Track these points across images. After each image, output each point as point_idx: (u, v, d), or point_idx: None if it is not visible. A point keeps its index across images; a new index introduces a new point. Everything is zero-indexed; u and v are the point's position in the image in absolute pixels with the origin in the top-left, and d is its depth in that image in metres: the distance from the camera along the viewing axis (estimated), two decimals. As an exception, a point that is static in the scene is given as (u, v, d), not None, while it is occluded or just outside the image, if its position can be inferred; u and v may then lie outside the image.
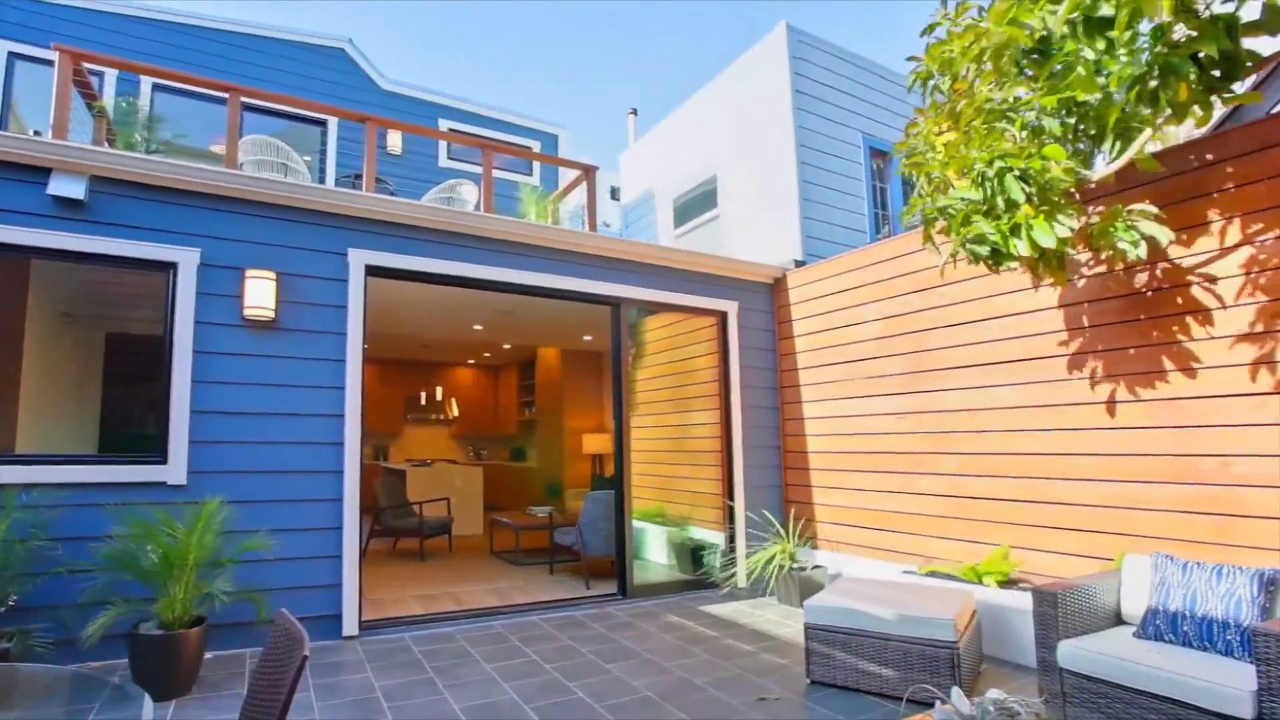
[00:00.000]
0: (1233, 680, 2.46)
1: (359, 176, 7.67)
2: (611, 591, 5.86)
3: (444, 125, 9.79)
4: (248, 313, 4.43)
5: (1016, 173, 3.22)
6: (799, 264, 6.92)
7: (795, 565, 5.65)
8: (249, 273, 4.46)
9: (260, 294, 4.46)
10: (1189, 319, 3.81)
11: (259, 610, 3.85)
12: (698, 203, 9.03)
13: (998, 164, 3.22)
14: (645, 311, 6.50)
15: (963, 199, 3.40)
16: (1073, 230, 3.35)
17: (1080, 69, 3.01)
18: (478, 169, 9.34)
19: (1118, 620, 3.28)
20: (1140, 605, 3.16)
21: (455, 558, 7.66)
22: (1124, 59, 2.81)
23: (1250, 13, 2.80)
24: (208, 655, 3.93)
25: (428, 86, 9.90)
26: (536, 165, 10.27)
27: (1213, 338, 3.71)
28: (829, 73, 7.93)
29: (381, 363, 11.80)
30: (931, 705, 2.18)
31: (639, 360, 7.81)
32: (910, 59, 4.07)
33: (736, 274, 6.65)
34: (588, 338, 9.89)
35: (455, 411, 12.92)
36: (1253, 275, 3.58)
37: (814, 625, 3.78)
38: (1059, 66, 3.11)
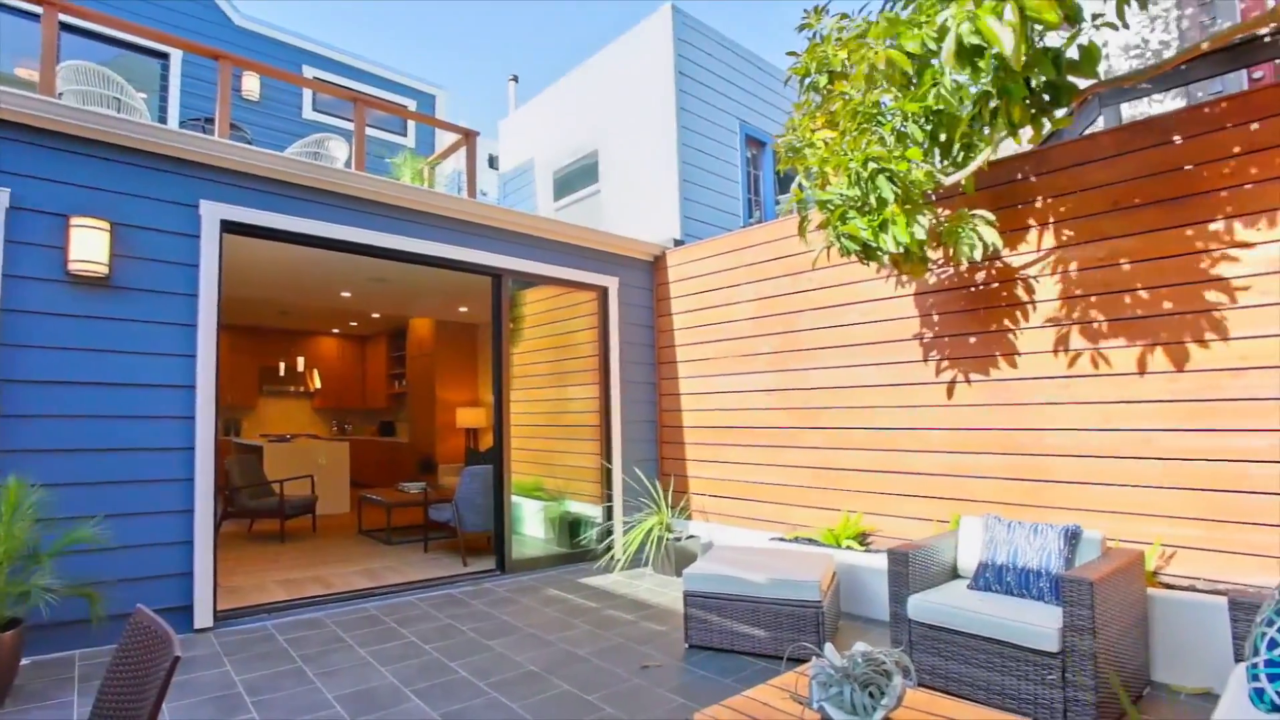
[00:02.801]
0: (1044, 621, 2.88)
1: (210, 121, 6.87)
2: (490, 567, 5.80)
3: (309, 73, 8.97)
4: (74, 267, 3.87)
5: (887, 174, 3.49)
6: (678, 243, 7.10)
7: (671, 536, 5.87)
8: (75, 221, 3.88)
9: (89, 246, 3.90)
10: (1015, 311, 4.34)
11: (93, 607, 3.45)
12: (579, 176, 8.96)
13: (871, 165, 3.48)
14: (526, 284, 6.39)
15: (841, 195, 3.64)
16: (928, 229, 3.71)
17: (942, 85, 3.32)
18: (346, 124, 8.70)
19: (954, 575, 3.73)
20: (973, 561, 3.61)
21: (320, 539, 7.23)
22: (982, 81, 3.12)
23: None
24: (25, 661, 3.47)
25: (291, 29, 9.01)
26: (412, 126, 9.70)
27: (1030, 328, 4.26)
28: (710, 58, 8.10)
29: (233, 329, 10.73)
30: (807, 660, 2.38)
31: (518, 333, 7.69)
32: (790, 54, 4.28)
33: (619, 250, 6.69)
34: (464, 309, 9.58)
35: (318, 384, 12.08)
36: (1060, 275, 4.14)
37: (692, 592, 3.97)
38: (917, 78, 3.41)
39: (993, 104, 3.30)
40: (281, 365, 11.67)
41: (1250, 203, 3.51)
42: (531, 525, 7.26)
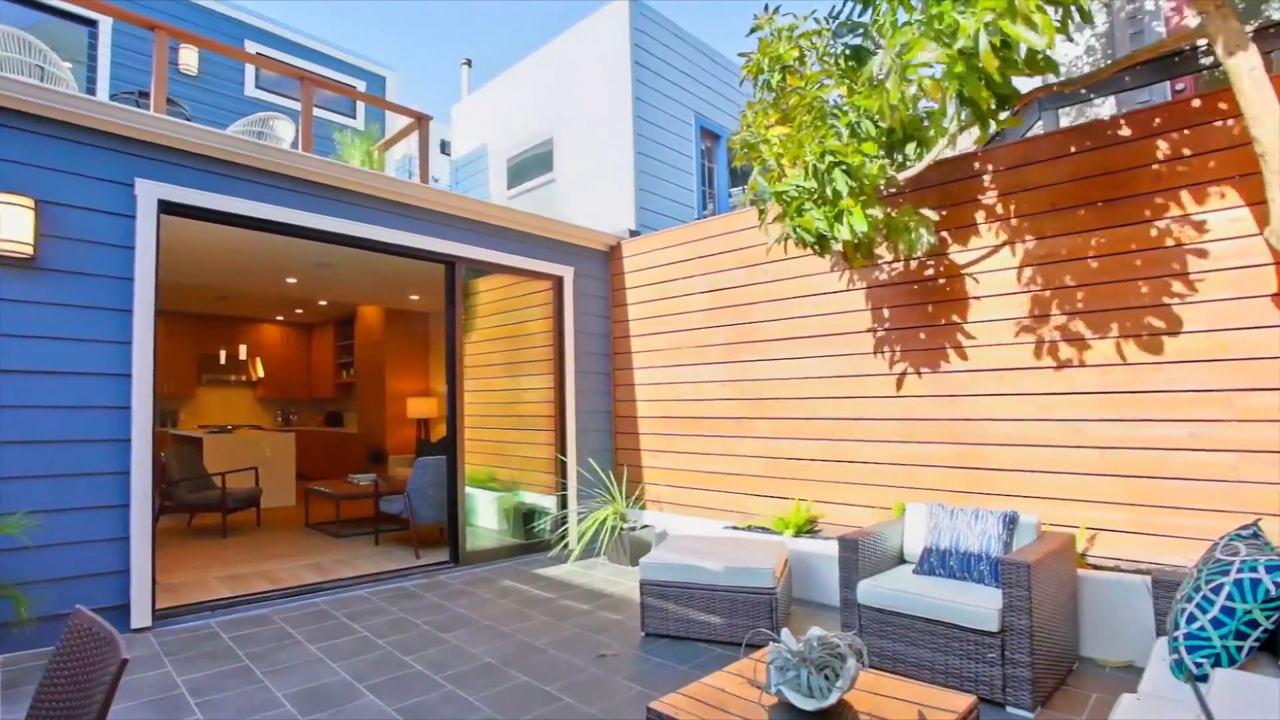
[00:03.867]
0: (984, 602, 3.02)
1: (145, 94, 6.51)
2: (443, 560, 5.73)
3: (252, 49, 8.58)
4: (-6, 249, 3.64)
5: (843, 167, 3.57)
6: (633, 233, 7.11)
7: (626, 526, 5.91)
8: (-7, 198, 3.64)
9: (12, 225, 3.66)
10: (961, 306, 4.50)
11: (18, 608, 3.28)
12: (533, 164, 8.86)
13: (828, 158, 3.55)
14: (480, 272, 6.30)
15: (798, 186, 3.70)
16: (879, 219, 3.81)
17: (891, 82, 3.40)
18: (291, 104, 8.38)
19: (901, 560, 3.87)
20: (919, 546, 3.75)
21: (265, 533, 7.01)
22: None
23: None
24: (-56, 665, 3.28)
25: (233, 1, 8.58)
26: (361, 108, 9.39)
27: (975, 323, 4.43)
28: (667, 49, 8.10)
29: (170, 315, 10.23)
30: (762, 646, 2.44)
31: (471, 322, 7.58)
32: (742, 55, 4.33)
33: (574, 239, 6.66)
34: (415, 296, 9.38)
35: (261, 373, 11.66)
36: (1002, 272, 4.32)
37: (649, 581, 4.01)
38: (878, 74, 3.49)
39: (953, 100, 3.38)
40: (222, 353, 11.22)
41: (1178, 205, 3.73)
42: (485, 516, 7.20)
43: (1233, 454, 3.51)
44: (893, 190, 4.66)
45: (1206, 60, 4.10)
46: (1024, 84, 3.99)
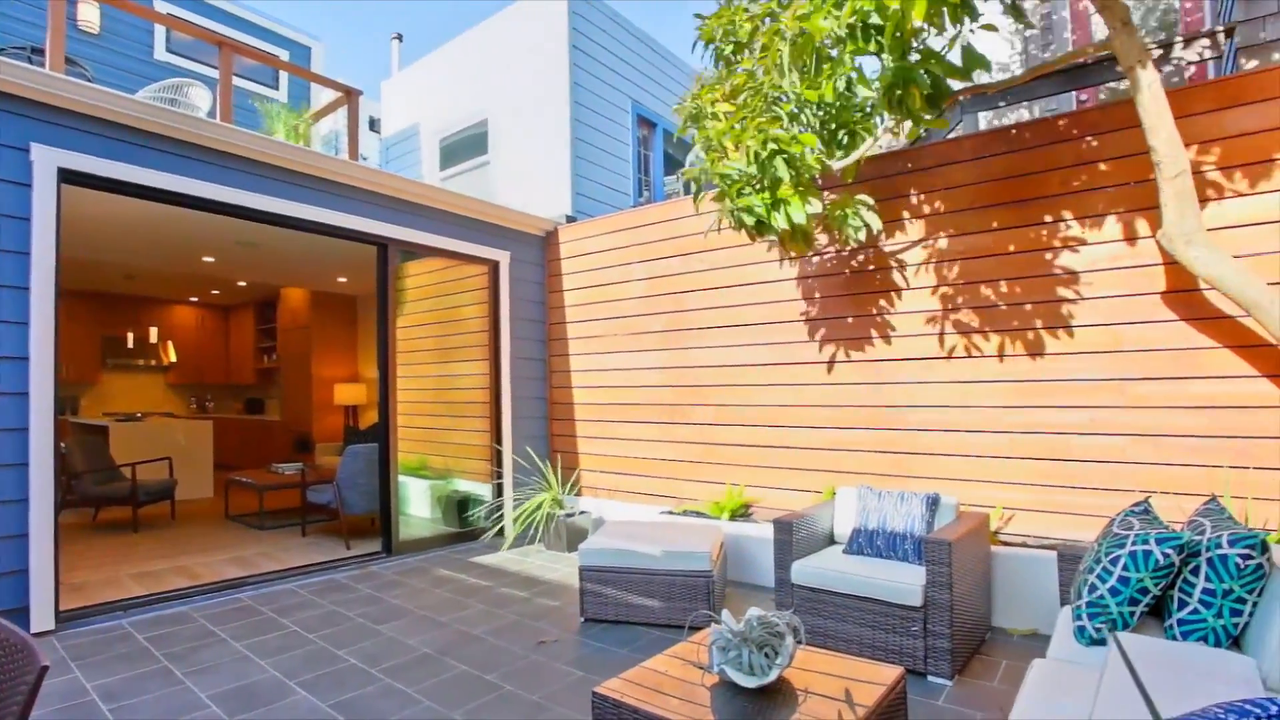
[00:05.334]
0: (908, 579, 3.20)
1: (38, 51, 5.97)
2: (375, 550, 5.60)
3: (163, 8, 7.96)
4: None
5: (784, 155, 3.66)
6: (570, 219, 7.06)
7: (562, 512, 5.91)
8: None
9: (-115, 200, 3.32)
10: (888, 297, 4.71)
11: (-98, 613, 3.01)
12: (467, 145, 8.65)
13: (770, 146, 3.63)
14: (413, 255, 6.13)
15: (739, 170, 3.77)
16: (818, 210, 3.93)
17: (835, 77, 3.51)
18: (207, 71, 7.85)
19: (831, 541, 4.04)
20: (848, 528, 3.92)
21: (181, 526, 6.65)
22: (886, 65, 3.32)
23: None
24: None
25: (134, -47, 7.92)
26: (284, 80, 8.88)
27: (901, 313, 4.64)
28: (605, 35, 8.04)
29: (71, 295, 9.49)
30: (700, 629, 2.51)
31: (403, 307, 7.37)
32: (697, 15, 4.31)
33: (511, 224, 6.56)
34: (343, 279, 9.02)
35: (173, 357, 10.97)
36: (927, 266, 4.54)
37: (588, 566, 4.04)
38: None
39: (898, 91, 3.51)
40: (130, 336, 10.48)
41: (1082, 208, 4.00)
42: (418, 505, 7.06)
43: (1125, 438, 3.83)
44: (830, 182, 4.80)
45: (1111, 73, 4.40)
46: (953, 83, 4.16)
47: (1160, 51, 4.69)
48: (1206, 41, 4.45)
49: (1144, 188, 3.75)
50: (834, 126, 4.08)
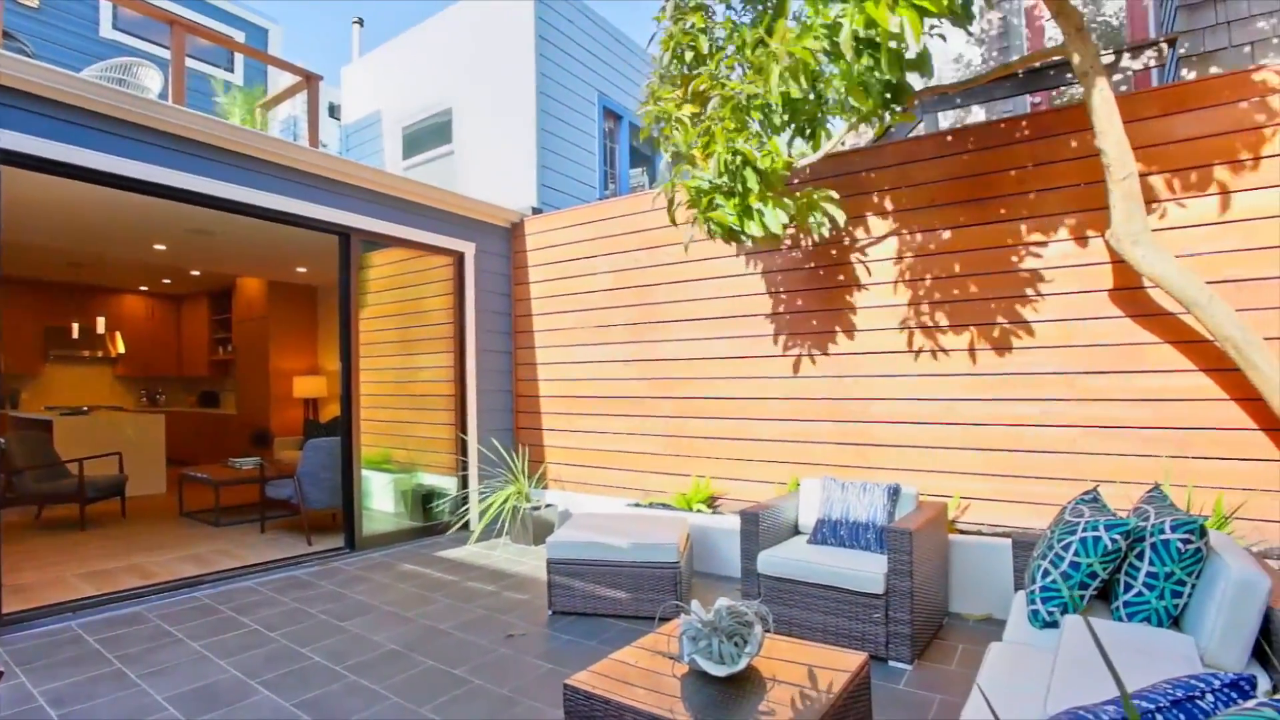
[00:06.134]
0: (871, 567, 3.28)
1: (-30, 30, 5.66)
2: (338, 545, 5.50)
3: (107, -16, 7.63)
4: None
5: (753, 165, 3.70)
6: (536, 211, 7.02)
7: (529, 505, 5.89)
8: None
9: None
10: (850, 292, 4.80)
11: None
12: (431, 134, 8.50)
13: (739, 157, 3.67)
14: (376, 245, 6.02)
15: (709, 181, 3.80)
16: (787, 220, 3.99)
17: (801, 80, 3.56)
18: (157, 50, 7.55)
19: (795, 532, 4.12)
20: (812, 518, 4.00)
21: (133, 524, 6.43)
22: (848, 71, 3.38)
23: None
24: None
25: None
26: (240, 62, 8.59)
27: (862, 308, 4.74)
28: (572, 25, 7.98)
29: (9, 283, 9.05)
30: (669, 619, 2.54)
31: (366, 297, 7.23)
32: (657, 18, 4.32)
33: (477, 215, 6.49)
34: (302, 269, 8.80)
35: (121, 348, 10.57)
36: (888, 262, 4.64)
37: (556, 560, 4.04)
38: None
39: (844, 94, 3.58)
40: (75, 326, 10.05)
41: (1036, 207, 4.14)
42: (381, 499, 6.96)
43: (1075, 429, 3.99)
44: (795, 174, 4.86)
45: (1065, 77, 4.54)
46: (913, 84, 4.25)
47: (1110, 59, 4.86)
48: (1152, 50, 4.62)
49: (1094, 189, 3.90)
50: (801, 122, 4.14)
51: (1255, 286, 3.54)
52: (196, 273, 9.33)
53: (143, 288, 10.72)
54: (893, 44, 2.99)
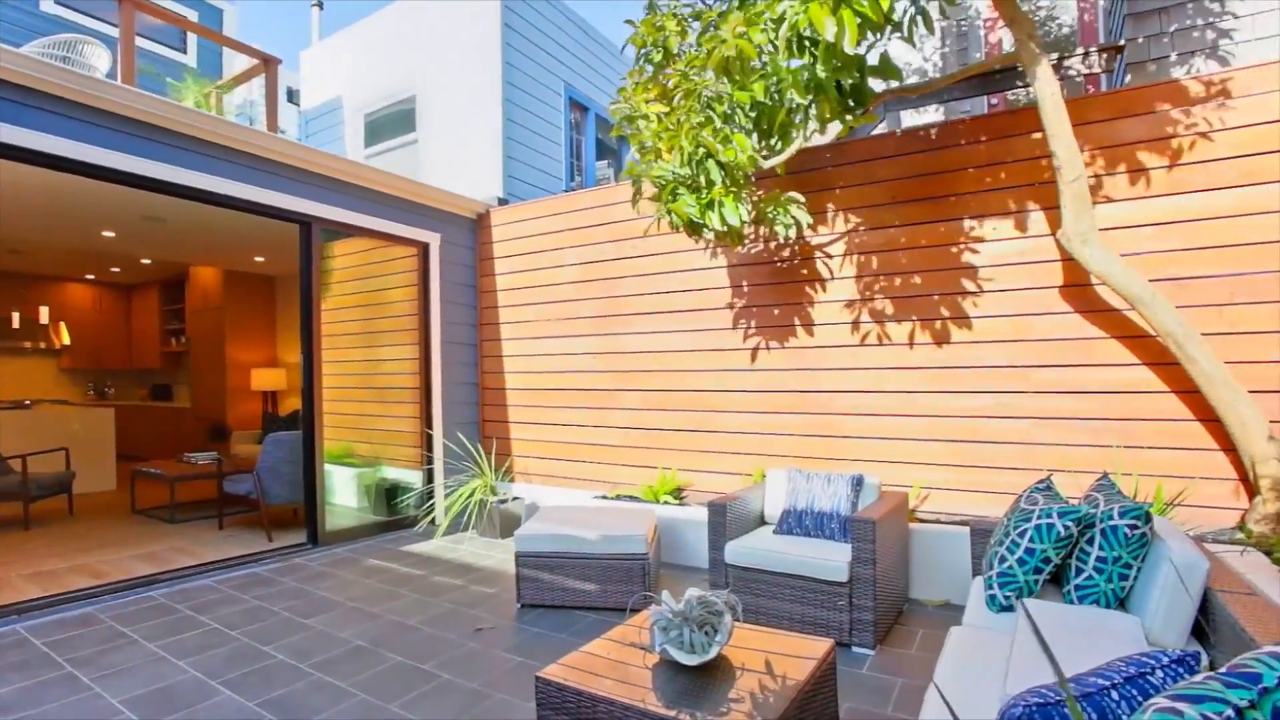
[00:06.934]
0: (835, 556, 3.36)
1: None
2: (300, 541, 5.40)
3: (49, -44, 7.27)
4: None
5: (716, 159, 3.74)
6: (502, 202, 6.96)
7: (495, 499, 5.87)
8: None
9: None
10: (813, 286, 4.88)
11: None
12: (394, 122, 8.34)
13: (701, 150, 3.70)
14: (338, 235, 5.89)
15: (673, 172, 3.83)
16: (751, 212, 4.04)
17: (768, 81, 3.61)
18: (104, 28, 7.23)
19: (762, 522, 4.19)
20: (778, 509, 4.07)
21: (81, 522, 6.19)
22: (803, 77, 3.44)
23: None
24: None
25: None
26: (193, 43, 8.28)
27: (825, 301, 4.83)
28: (539, 15, 7.91)
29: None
30: (639, 610, 2.57)
31: (328, 288, 7.08)
32: (628, 22, 4.36)
33: (442, 205, 6.40)
34: (260, 258, 8.56)
35: (66, 339, 10.14)
36: (850, 257, 4.73)
37: (525, 553, 4.04)
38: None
39: (809, 99, 3.65)
40: (15, 316, 9.59)
41: (991, 206, 4.26)
42: (344, 494, 6.84)
43: (1029, 420, 4.13)
44: (760, 175, 4.91)
45: (1017, 81, 4.68)
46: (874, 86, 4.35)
47: (1058, 62, 5.02)
48: (1101, 56, 4.78)
49: (1046, 189, 4.03)
50: (766, 125, 4.20)
51: (1194, 284, 3.71)
52: (148, 261, 9.01)
53: (90, 276, 10.30)
54: (847, 46, 3.05)
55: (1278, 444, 3.29)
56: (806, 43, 3.30)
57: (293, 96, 10.26)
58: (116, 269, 9.71)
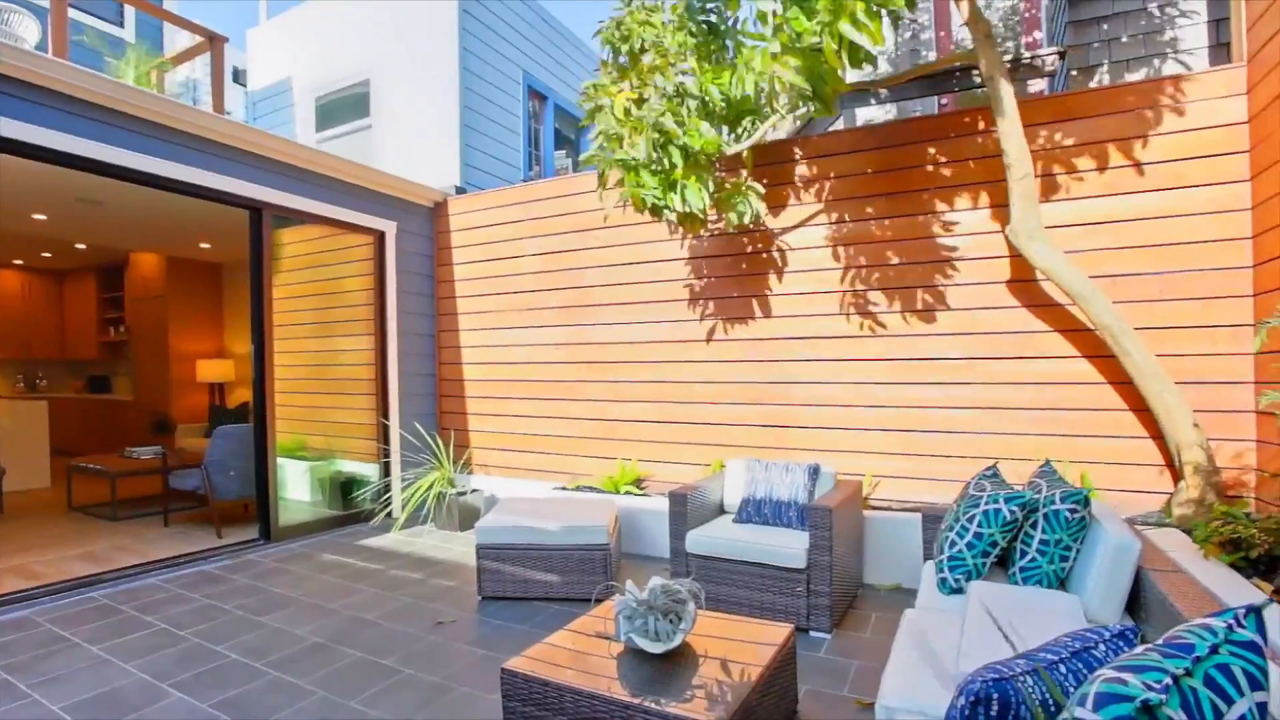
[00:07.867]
0: (793, 544, 3.45)
1: None
2: (252, 537, 5.26)
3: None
4: None
5: (679, 144, 3.77)
6: (459, 190, 6.85)
7: (454, 491, 5.80)
8: None
9: None
10: (772, 277, 4.96)
11: None
12: (347, 106, 8.11)
13: (663, 136, 3.72)
14: (290, 221, 5.72)
15: (633, 159, 3.84)
16: (712, 195, 4.09)
17: (739, 69, 3.64)
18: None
19: (721, 511, 4.25)
20: (737, 498, 4.15)
21: (13, 521, 5.89)
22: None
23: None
24: None
25: None
26: (131, 17, 7.89)
27: (784, 294, 4.92)
28: (498, 0, 7.77)
29: None
30: (602, 601, 2.60)
31: (278, 276, 6.86)
32: (600, 23, 4.35)
33: (398, 193, 6.27)
34: (205, 245, 8.24)
35: (-10, 329, 9.60)
36: (808, 250, 4.83)
37: (486, 545, 4.02)
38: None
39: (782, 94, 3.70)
40: (-68, 304, 9.05)
41: (943, 202, 4.40)
42: (297, 488, 6.66)
43: (976, 410, 4.30)
44: (725, 163, 4.96)
45: (972, 79, 4.82)
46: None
47: (1009, 65, 5.20)
48: (1048, 61, 4.97)
49: (997, 186, 4.18)
50: (735, 115, 4.25)
51: (1128, 281, 3.91)
52: (82, 246, 8.57)
53: (17, 261, 9.75)
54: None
55: (1200, 432, 3.50)
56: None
57: (239, 76, 9.85)
58: (48, 254, 9.22)
